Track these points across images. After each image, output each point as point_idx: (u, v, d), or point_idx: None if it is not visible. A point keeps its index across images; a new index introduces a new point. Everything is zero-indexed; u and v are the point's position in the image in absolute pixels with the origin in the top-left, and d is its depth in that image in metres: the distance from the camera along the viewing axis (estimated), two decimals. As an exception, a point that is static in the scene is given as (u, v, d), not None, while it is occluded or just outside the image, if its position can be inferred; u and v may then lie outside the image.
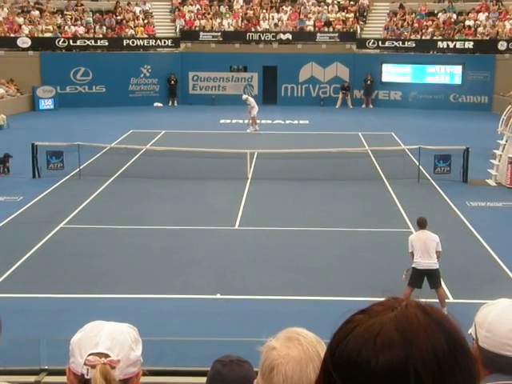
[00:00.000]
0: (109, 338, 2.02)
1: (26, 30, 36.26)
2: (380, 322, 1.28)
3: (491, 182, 20.12)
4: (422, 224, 11.44)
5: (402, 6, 38.88)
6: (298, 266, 13.48)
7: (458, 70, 35.70)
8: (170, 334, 10.33)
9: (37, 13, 37.52)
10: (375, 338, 1.26)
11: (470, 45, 36.01)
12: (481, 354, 2.09)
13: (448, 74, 36.18)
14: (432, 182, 20.02)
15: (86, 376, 1.97)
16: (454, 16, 38.09)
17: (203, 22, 38.98)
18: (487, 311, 2.18)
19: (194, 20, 39.09)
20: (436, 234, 11.32)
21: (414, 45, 36.93)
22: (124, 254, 14.14)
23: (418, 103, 35.56)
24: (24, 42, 35.58)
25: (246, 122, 29.38)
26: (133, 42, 37.27)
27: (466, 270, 13.24)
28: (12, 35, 35.94)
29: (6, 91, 33.90)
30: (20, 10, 37.48)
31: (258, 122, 29.24)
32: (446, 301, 11.29)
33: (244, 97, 30.86)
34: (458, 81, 35.73)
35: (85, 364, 1.97)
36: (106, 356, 1.98)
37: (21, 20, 36.79)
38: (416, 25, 38.05)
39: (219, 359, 3.03)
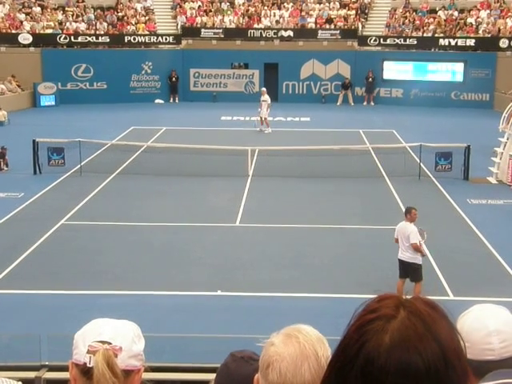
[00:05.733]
0: (112, 329, 2.05)
1: (27, 26, 36.24)
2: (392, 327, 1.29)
3: (492, 180, 20.11)
4: (405, 214, 11.45)
5: (408, 3, 38.73)
6: (299, 262, 13.49)
7: (459, 67, 35.65)
8: (170, 330, 10.35)
9: (38, 9, 37.49)
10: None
11: (471, 42, 35.96)
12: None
13: (449, 72, 36.14)
14: (433, 179, 20.01)
15: (88, 364, 1.97)
16: (456, 13, 38.04)
17: (204, 18, 38.95)
18: (462, 322, 2.19)
19: (196, 17, 39.05)
20: (414, 225, 11.21)
21: (415, 42, 36.87)
22: (125, 250, 14.16)
23: (419, 101, 35.51)
24: (25, 38, 35.57)
25: (258, 118, 28.66)
26: (134, 39, 37.24)
27: (466, 268, 13.25)
28: (13, 31, 35.92)
29: (7, 87, 33.87)
30: (21, 7, 37.45)
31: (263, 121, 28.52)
32: (447, 298, 11.31)
33: (263, 89, 30.12)
34: (459, 78, 35.68)
35: (87, 352, 1.98)
36: (109, 344, 1.99)
37: (22, 16, 36.77)
38: (417, 22, 37.99)
39: (234, 352, 3.03)
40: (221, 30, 37.99)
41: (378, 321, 1.29)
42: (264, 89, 30.45)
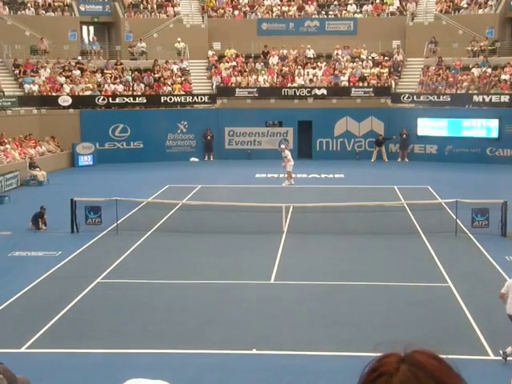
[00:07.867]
0: None
1: (67, 88, 37.27)
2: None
3: (531, 236, 19.80)
4: None
5: (441, 61, 38.89)
6: (335, 320, 13.33)
7: (494, 123, 35.52)
8: (205, 390, 10.25)
9: (78, 72, 38.57)
10: None
11: (505, 98, 35.88)
12: None
13: (484, 128, 36.02)
14: (470, 235, 19.76)
15: None
16: (489, 70, 38.10)
17: (239, 78, 39.64)
18: None
19: (231, 76, 39.78)
20: None
21: (449, 99, 36.94)
22: (160, 308, 14.16)
23: (454, 157, 35.40)
24: (65, 100, 36.54)
25: (282, 175, 29.62)
26: (170, 99, 38.02)
27: (506, 327, 12.93)
28: (54, 94, 36.96)
29: (46, 148, 34.68)
30: (62, 70, 38.59)
31: (293, 176, 29.38)
32: (487, 358, 11.05)
33: (282, 147, 31.39)
34: (494, 134, 35.52)
35: None
36: None
37: (62, 79, 37.85)
38: (451, 79, 38.13)
39: None
40: (255, 89, 38.58)
41: (380, 378, 1.31)
42: (283, 146, 32.28)
